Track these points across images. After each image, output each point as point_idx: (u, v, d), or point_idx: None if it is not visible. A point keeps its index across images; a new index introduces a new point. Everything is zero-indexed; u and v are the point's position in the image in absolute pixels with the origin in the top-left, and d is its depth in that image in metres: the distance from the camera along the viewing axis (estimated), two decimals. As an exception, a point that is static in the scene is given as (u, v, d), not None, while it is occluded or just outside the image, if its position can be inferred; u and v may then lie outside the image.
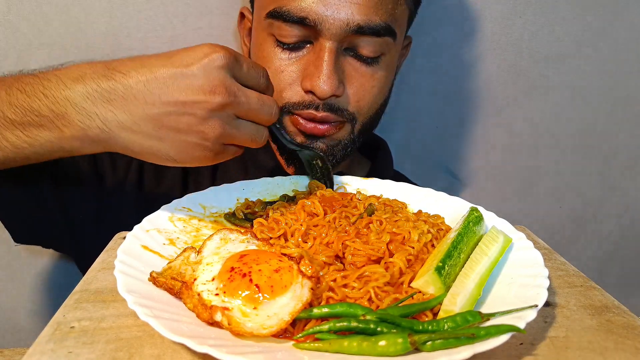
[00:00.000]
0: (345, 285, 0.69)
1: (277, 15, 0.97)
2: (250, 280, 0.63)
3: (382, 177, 1.07)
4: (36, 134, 0.74)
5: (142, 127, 0.69)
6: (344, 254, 0.76)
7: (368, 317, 0.60)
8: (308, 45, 1.00)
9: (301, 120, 1.02)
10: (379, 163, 1.31)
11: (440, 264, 0.70)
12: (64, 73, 0.73)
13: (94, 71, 0.71)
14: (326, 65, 0.96)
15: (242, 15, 1.21)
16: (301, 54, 1.00)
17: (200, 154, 0.73)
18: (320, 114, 1.00)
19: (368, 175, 1.10)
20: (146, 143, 0.71)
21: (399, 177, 1.26)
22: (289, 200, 0.95)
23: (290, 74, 1.01)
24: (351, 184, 1.06)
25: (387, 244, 0.76)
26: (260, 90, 0.77)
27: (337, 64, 0.98)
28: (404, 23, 1.08)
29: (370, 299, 0.67)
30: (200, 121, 0.70)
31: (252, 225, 0.84)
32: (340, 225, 0.81)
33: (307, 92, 1.00)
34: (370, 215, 0.86)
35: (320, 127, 1.02)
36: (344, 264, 0.75)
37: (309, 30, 0.97)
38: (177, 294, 0.66)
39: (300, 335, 0.60)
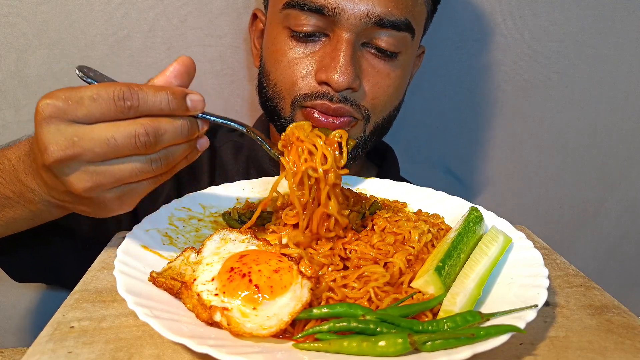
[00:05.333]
0: (345, 286, 0.69)
1: (294, 4, 0.95)
2: (250, 280, 0.63)
3: None
4: (11, 213, 0.80)
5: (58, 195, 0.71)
6: (347, 255, 0.76)
7: (368, 318, 0.60)
8: (323, 39, 0.98)
9: (315, 114, 0.99)
10: (385, 169, 1.30)
11: (440, 264, 0.70)
12: (11, 153, 0.78)
13: (23, 151, 0.76)
14: (343, 56, 0.93)
15: (254, 17, 1.19)
16: (316, 46, 0.98)
17: (96, 208, 0.69)
18: (335, 105, 0.97)
19: None
20: (73, 206, 0.72)
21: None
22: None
23: (304, 66, 0.98)
24: (351, 183, 1.06)
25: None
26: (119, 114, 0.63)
27: (354, 56, 0.95)
28: (421, 24, 1.06)
29: (370, 299, 0.68)
30: (57, 181, 0.65)
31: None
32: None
33: (322, 83, 0.97)
34: (374, 213, 0.86)
35: (335, 121, 0.99)
36: (344, 265, 0.75)
37: (326, 21, 0.95)
38: (176, 294, 0.66)
39: (300, 335, 0.60)
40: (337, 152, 0.78)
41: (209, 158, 1.22)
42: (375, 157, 1.35)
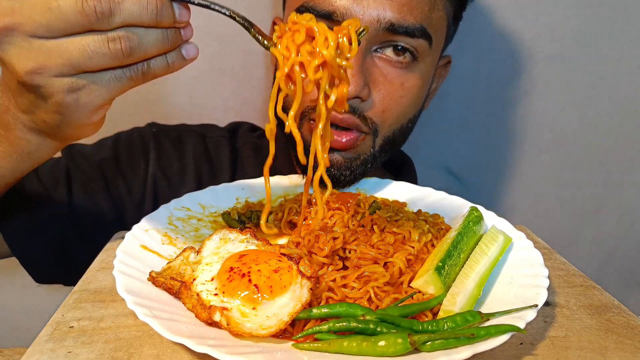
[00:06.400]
0: (344, 285, 0.69)
1: (304, 9, 0.93)
2: (250, 280, 0.63)
3: None
4: None
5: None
6: (346, 255, 0.76)
7: (368, 317, 0.60)
8: None
9: None
10: (402, 180, 1.29)
11: (440, 264, 0.69)
12: None
13: None
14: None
15: (274, 25, 1.16)
16: None
17: (53, 111, 0.62)
18: (342, 115, 0.92)
19: None
20: (35, 117, 0.67)
21: None
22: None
23: None
24: (351, 183, 1.06)
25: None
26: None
27: (363, 64, 0.92)
28: (441, 31, 1.02)
29: (370, 299, 0.67)
30: (6, 72, 0.61)
31: (243, 228, 0.83)
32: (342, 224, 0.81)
33: None
34: (373, 214, 0.86)
35: (340, 139, 0.94)
36: (344, 265, 0.75)
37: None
38: (176, 294, 0.65)
39: (299, 335, 0.60)
40: (345, 40, 0.64)
41: (230, 158, 1.21)
42: (392, 167, 1.31)
